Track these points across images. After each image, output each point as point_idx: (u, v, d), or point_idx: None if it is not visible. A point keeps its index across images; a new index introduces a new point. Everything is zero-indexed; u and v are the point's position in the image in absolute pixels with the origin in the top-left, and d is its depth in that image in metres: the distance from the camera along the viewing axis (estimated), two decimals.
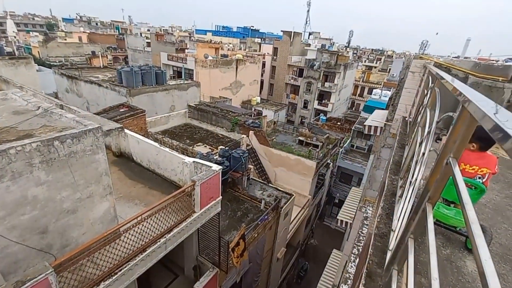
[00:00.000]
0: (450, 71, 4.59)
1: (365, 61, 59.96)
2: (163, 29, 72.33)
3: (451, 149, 1.12)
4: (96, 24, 74.50)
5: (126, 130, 7.88)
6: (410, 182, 1.71)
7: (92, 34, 58.49)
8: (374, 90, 35.69)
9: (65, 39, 52.11)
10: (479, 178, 2.18)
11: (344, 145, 27.21)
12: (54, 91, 23.02)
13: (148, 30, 65.20)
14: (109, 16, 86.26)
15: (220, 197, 6.77)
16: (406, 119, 4.73)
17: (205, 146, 17.38)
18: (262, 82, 42.43)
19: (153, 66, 19.17)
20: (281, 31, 42.61)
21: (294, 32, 39.91)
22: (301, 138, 23.18)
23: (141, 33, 61.28)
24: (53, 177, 4.00)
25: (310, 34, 58.74)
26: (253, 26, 79.48)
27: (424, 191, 1.29)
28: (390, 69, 49.01)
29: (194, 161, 6.58)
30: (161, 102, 18.88)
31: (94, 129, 4.27)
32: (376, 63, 57.66)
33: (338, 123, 33.75)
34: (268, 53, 43.09)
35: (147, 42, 51.57)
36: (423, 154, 1.72)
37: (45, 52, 47.08)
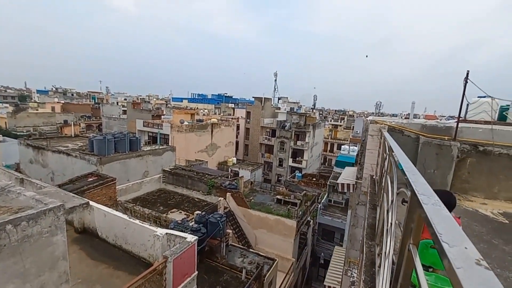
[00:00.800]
0: (403, 133, 5.17)
1: (330, 121, 65.30)
2: (140, 98, 75.19)
3: (410, 234, 1.18)
4: (72, 95, 75.84)
5: (92, 203, 7.35)
6: (385, 253, 1.72)
7: (67, 104, 58.86)
8: (342, 146, 38.02)
9: (37, 110, 51.63)
10: None
11: (322, 201, 27.27)
12: (16, 162, 21.65)
13: (125, 99, 67.30)
14: (87, 88, 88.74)
15: (196, 272, 6.15)
16: (374, 177, 5.02)
17: (180, 212, 16.45)
18: (237, 143, 43.65)
19: (127, 133, 19.18)
20: (253, 97, 46.29)
21: (264, 97, 43.47)
22: (279, 196, 23.01)
23: (117, 102, 62.91)
24: (0, 267, 3.46)
25: (279, 99, 64.34)
26: (226, 93, 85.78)
27: (395, 276, 1.30)
28: (353, 126, 53.50)
29: (167, 233, 6.13)
30: (134, 168, 18.33)
31: (55, 208, 3.95)
32: (340, 122, 62.98)
33: (314, 179, 34.45)
34: (241, 117, 45.58)
35: (123, 110, 52.62)
36: (391, 224, 1.79)
37: (13, 122, 45.73)
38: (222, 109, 61.33)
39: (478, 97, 10.39)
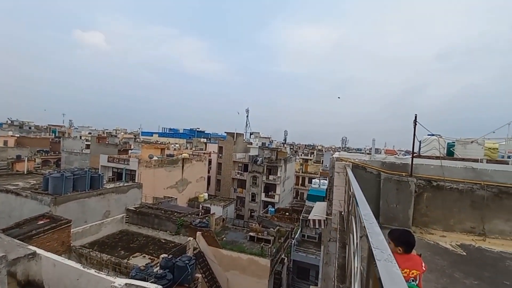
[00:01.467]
0: (366, 170, 5.51)
1: (301, 155, 67.34)
2: (107, 132, 71.93)
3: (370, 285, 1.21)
4: (30, 128, 70.41)
5: (39, 251, 6.49)
6: None
7: (22, 138, 54.28)
8: (313, 180, 38.89)
9: None
10: (413, 280, 2.31)
11: (296, 236, 26.81)
12: None
13: (90, 133, 63.86)
14: (49, 122, 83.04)
15: None
16: (342, 213, 5.15)
17: (144, 256, 15.05)
18: (209, 178, 42.66)
19: (89, 170, 17.93)
20: (225, 132, 46.75)
21: (236, 133, 44.14)
22: (252, 233, 22.27)
23: (80, 136, 59.44)
24: None
25: (251, 134, 65.64)
26: (199, 128, 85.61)
27: None
28: (322, 160, 55.63)
29: (126, 284, 5.51)
30: (94, 208, 16.82)
31: None
32: (310, 156, 65.22)
33: (287, 214, 34.16)
34: (214, 151, 45.30)
35: (86, 145, 49.68)
36: (357, 268, 1.81)
37: None
38: (194, 144, 60.60)
39: (428, 135, 11.59)
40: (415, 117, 4.78)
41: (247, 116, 77.13)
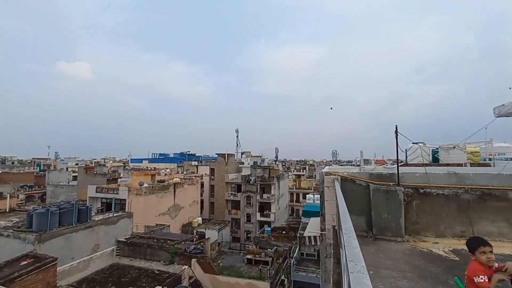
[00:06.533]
0: (355, 182, 5.60)
1: (293, 171, 67.46)
2: (95, 162, 70.27)
3: None
4: (13, 163, 68.04)
5: None
6: None
7: (4, 174, 52.30)
8: (307, 195, 38.77)
9: None
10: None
11: (294, 255, 26.17)
12: None
13: (77, 164, 62.16)
14: (33, 156, 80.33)
15: None
16: (335, 227, 5.14)
17: None
18: (202, 201, 41.86)
19: (76, 202, 17.33)
20: (216, 153, 46.56)
21: (227, 153, 44.04)
22: (249, 256, 21.66)
23: (67, 168, 57.83)
24: None
25: (242, 153, 65.63)
26: (189, 151, 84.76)
27: None
28: (315, 175, 55.85)
29: None
30: (82, 243, 16.08)
31: None
32: (302, 171, 65.43)
33: (283, 232, 33.55)
34: (205, 174, 44.80)
35: (73, 176, 48.29)
36: (345, 283, 1.81)
37: None
38: (185, 168, 59.83)
39: (413, 143, 11.96)
40: (396, 128, 4.98)
41: (237, 136, 77.52)
